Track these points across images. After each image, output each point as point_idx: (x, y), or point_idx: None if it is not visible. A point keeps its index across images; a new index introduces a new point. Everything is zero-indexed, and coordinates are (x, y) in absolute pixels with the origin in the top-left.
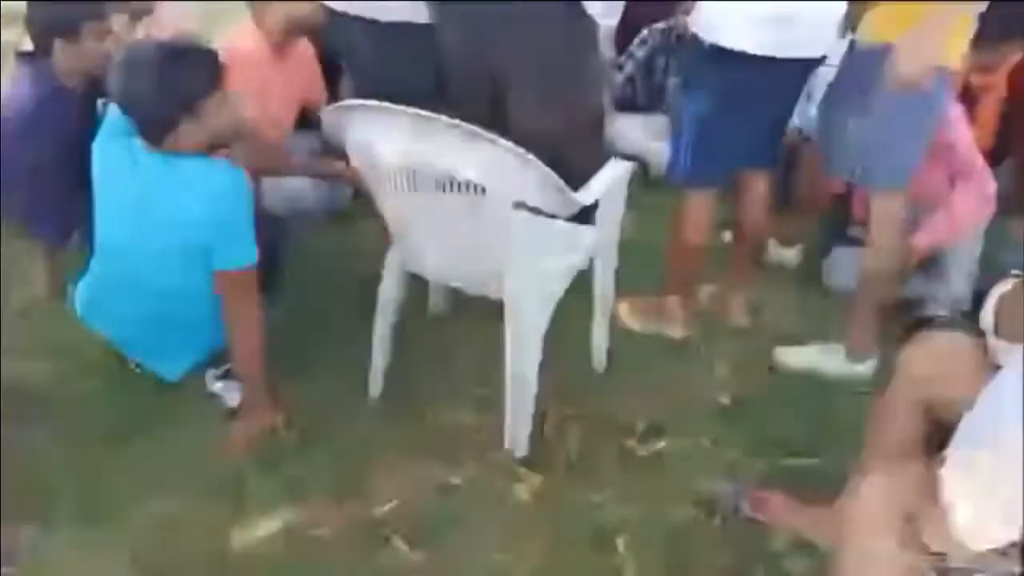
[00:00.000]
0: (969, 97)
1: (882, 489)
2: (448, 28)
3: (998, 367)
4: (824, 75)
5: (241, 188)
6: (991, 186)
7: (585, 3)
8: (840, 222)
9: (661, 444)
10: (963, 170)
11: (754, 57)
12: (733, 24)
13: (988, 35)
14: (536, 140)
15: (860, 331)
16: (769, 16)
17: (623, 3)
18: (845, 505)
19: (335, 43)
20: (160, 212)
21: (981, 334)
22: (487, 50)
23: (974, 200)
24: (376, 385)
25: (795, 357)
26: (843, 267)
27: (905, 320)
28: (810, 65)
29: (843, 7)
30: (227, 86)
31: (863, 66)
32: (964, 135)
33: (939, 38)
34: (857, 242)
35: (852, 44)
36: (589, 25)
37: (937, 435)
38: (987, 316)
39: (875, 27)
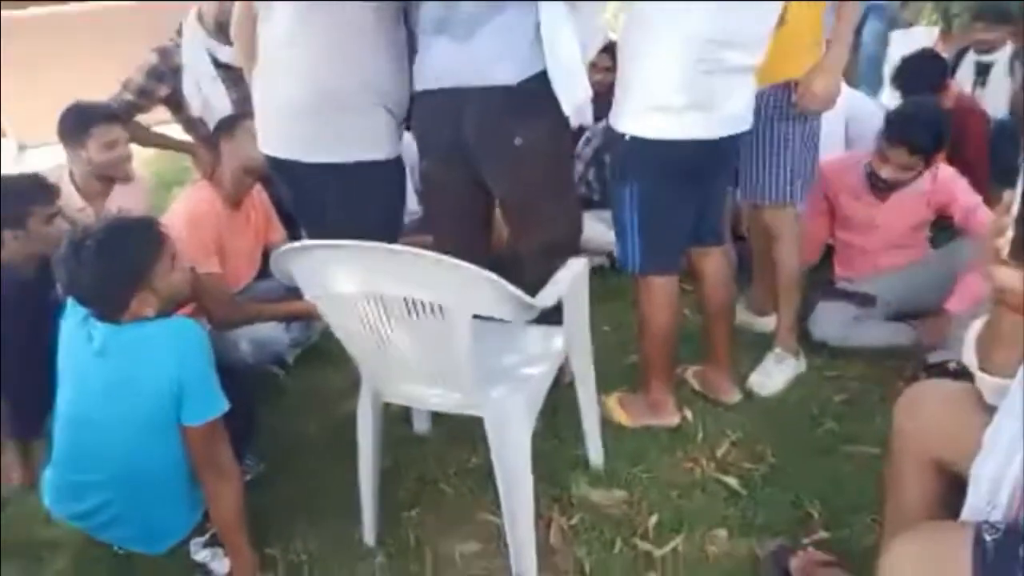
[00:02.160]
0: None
1: (909, 559)
2: (429, 141)
3: (992, 407)
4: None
5: (202, 340)
6: None
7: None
8: (825, 278)
9: (677, 541)
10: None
11: (672, 143)
12: (645, 114)
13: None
14: (525, 253)
15: (784, 330)
16: (679, 103)
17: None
18: None
19: (280, 189)
20: (126, 382)
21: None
22: (471, 160)
23: None
24: (370, 533)
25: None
26: (828, 319)
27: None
28: (735, 139)
29: (753, 87)
30: (170, 247)
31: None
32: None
33: (838, 72)
34: (841, 295)
35: None
36: (568, 131)
37: (957, 485)
38: (968, 355)
39: (767, 72)
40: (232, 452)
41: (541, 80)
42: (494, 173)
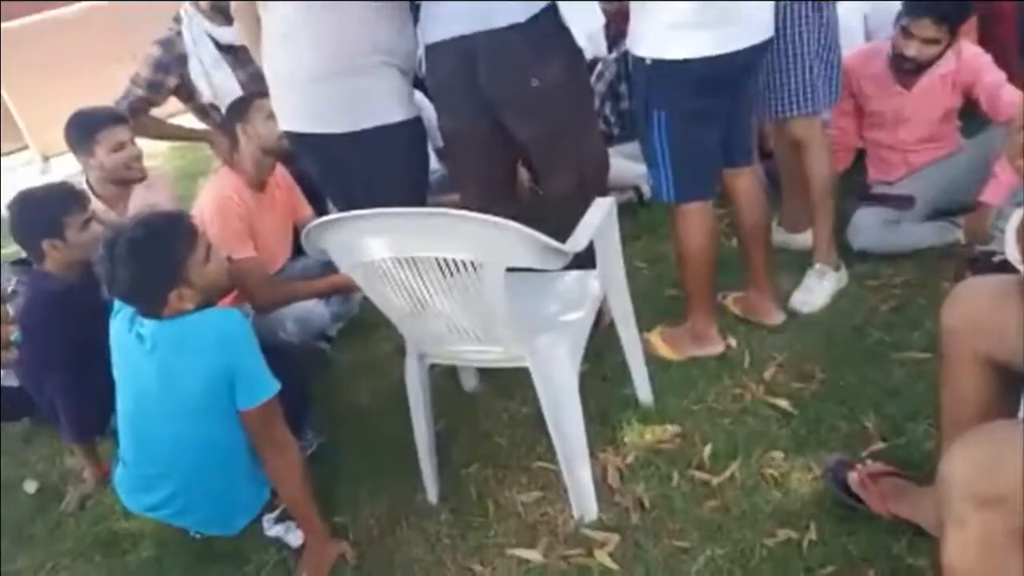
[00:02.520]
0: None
1: (968, 461)
2: (446, 91)
3: None
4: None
5: (243, 326)
6: None
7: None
8: (860, 184)
9: (733, 468)
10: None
11: (697, 60)
12: (667, 35)
13: None
14: (554, 196)
15: (822, 244)
16: (699, 18)
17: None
18: (938, 485)
19: (302, 164)
20: (177, 375)
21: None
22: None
23: None
24: (432, 491)
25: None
26: (867, 227)
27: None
28: (758, 49)
29: None
30: (203, 239)
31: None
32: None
33: None
34: (877, 199)
35: None
36: (584, 64)
37: (1014, 382)
38: (1011, 249)
39: None
40: (289, 429)
41: (550, 15)
42: (515, 118)
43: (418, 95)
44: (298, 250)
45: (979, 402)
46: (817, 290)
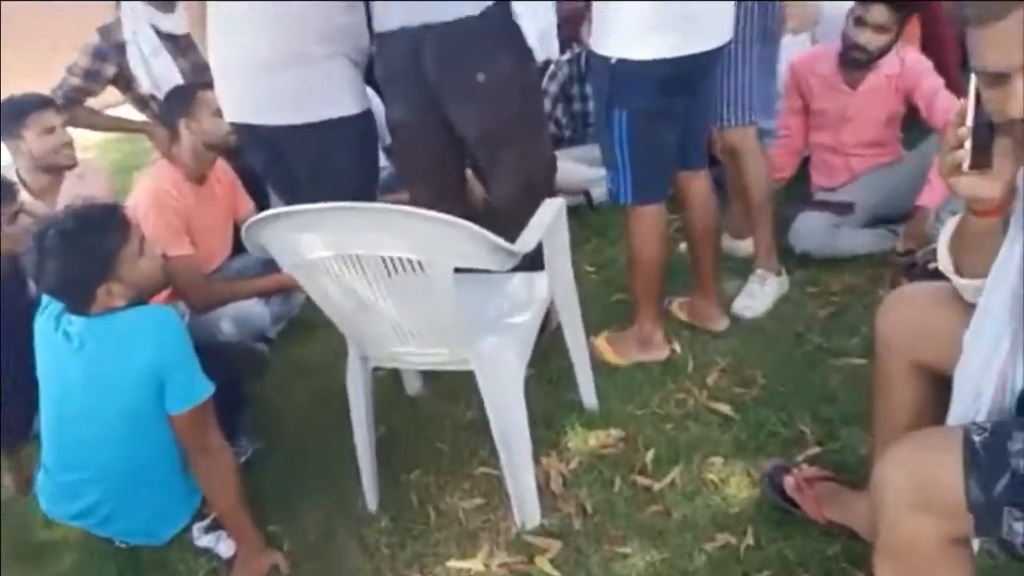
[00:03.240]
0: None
1: (901, 466)
2: (395, 83)
3: (971, 306)
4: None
5: (177, 326)
6: None
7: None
8: (802, 192)
9: (674, 473)
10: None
11: (661, 61)
12: (632, 35)
13: None
14: (501, 198)
15: (763, 250)
16: (664, 20)
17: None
18: (871, 490)
19: (248, 158)
20: (105, 375)
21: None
22: (442, 106)
23: None
24: (372, 498)
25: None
26: (808, 231)
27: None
28: (717, 53)
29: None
30: (137, 232)
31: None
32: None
33: None
34: (820, 205)
35: None
36: (533, 64)
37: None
38: (943, 259)
39: None
40: (222, 434)
41: (501, 11)
42: (460, 114)
43: (369, 91)
44: (238, 247)
45: (912, 408)
46: (759, 295)
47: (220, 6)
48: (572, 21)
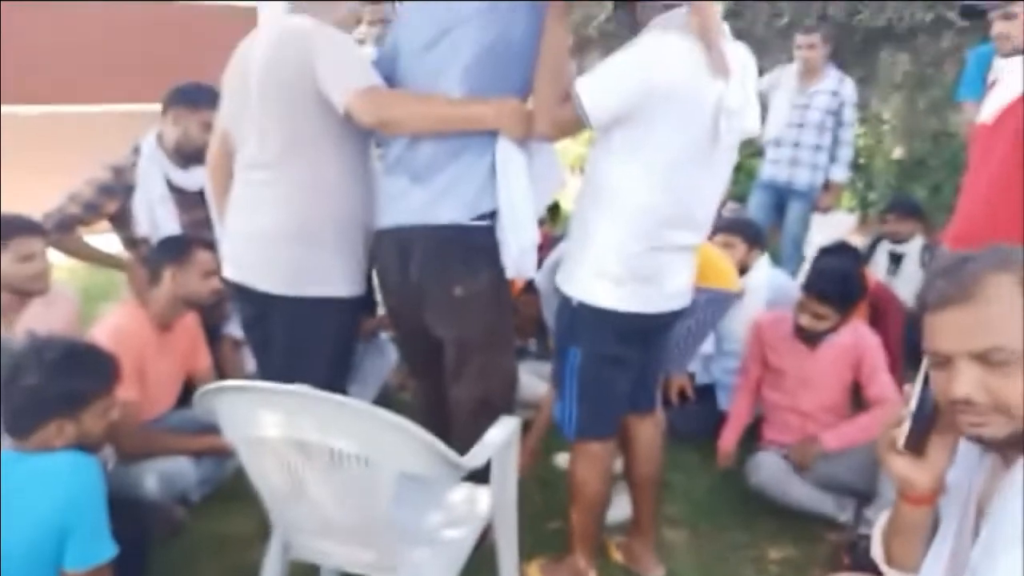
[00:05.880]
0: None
1: None
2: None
3: None
4: None
5: (95, 478)
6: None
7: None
8: (755, 440)
9: None
10: (880, 398)
11: (623, 313)
12: (595, 283)
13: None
14: (459, 404)
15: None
16: (630, 276)
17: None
18: None
19: (240, 314)
20: (8, 516)
21: None
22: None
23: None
24: None
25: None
26: (767, 465)
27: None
28: (677, 313)
29: (694, 266)
30: (118, 392)
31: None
32: (882, 364)
33: None
34: (776, 450)
35: None
36: (504, 279)
37: None
38: (876, 549)
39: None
40: None
41: (488, 227)
42: (434, 318)
43: None
44: (183, 399)
45: None
46: None
47: (248, 184)
48: (545, 245)
